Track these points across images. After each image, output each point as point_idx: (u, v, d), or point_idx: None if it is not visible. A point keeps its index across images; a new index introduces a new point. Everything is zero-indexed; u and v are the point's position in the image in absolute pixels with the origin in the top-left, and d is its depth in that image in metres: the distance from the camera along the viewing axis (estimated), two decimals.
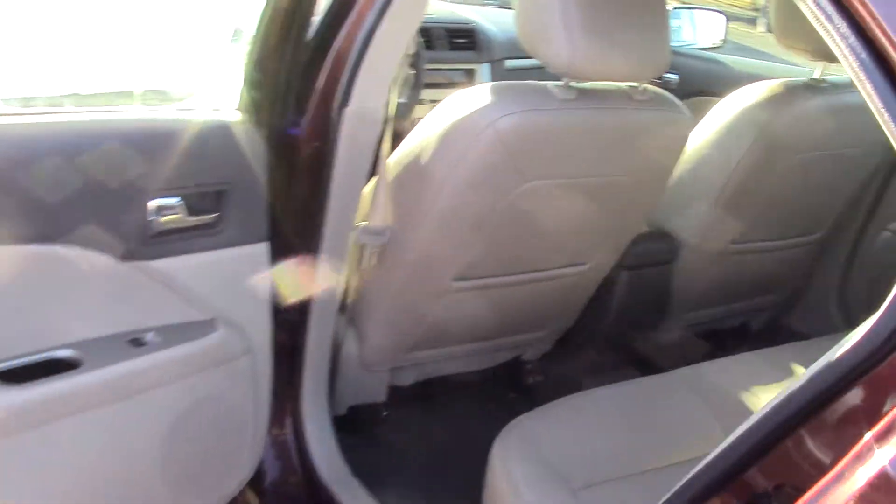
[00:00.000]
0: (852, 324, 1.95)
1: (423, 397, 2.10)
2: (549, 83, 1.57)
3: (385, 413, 2.00)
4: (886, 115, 0.84)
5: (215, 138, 1.46)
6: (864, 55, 0.85)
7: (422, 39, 2.38)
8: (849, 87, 1.95)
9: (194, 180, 1.44)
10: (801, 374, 0.95)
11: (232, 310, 1.51)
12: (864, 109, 0.88)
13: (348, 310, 1.84)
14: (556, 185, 1.63)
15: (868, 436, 0.84)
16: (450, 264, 1.72)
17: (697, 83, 2.85)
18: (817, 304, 2.51)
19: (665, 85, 2.60)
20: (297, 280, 1.62)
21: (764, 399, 1.39)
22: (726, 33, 2.99)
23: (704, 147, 2.03)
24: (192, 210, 1.43)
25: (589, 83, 1.61)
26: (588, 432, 1.55)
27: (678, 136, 1.73)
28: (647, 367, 2.18)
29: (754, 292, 2.40)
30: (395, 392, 2.02)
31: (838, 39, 0.87)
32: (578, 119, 1.57)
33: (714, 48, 3.00)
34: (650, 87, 1.68)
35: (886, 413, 0.84)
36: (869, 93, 0.85)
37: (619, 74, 1.57)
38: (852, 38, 0.86)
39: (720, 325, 2.46)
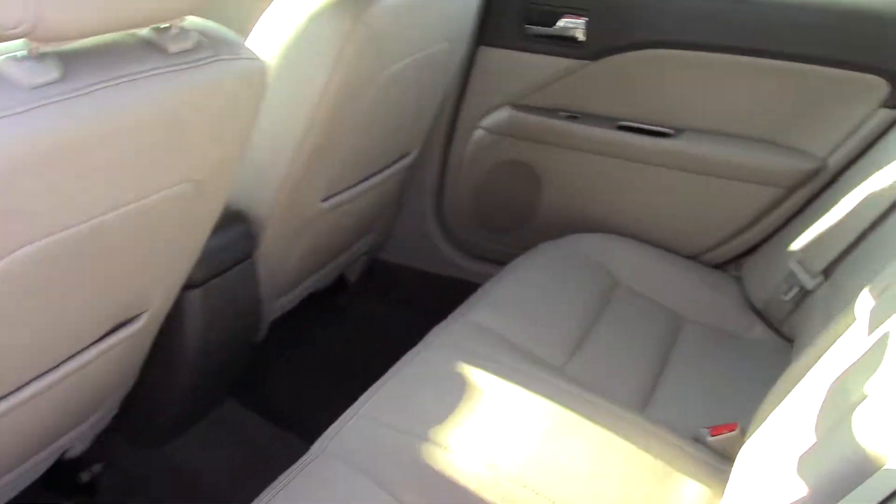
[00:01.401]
0: (451, 237, 1.90)
1: None
2: None
3: None
4: None
5: None
6: None
7: None
8: None
9: None
10: None
11: None
12: None
13: None
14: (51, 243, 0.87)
15: None
16: None
17: None
18: (413, 227, 2.06)
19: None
20: None
21: None
22: None
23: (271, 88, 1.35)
24: None
25: (78, 42, 0.84)
26: None
27: (252, 93, 1.04)
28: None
29: (351, 241, 1.85)
30: None
31: None
32: (76, 122, 0.81)
33: None
34: (191, 21, 0.96)
35: None
36: None
37: (131, 13, 0.83)
38: None
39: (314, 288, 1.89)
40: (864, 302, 1.20)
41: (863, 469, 0.81)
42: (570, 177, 1.89)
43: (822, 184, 1.70)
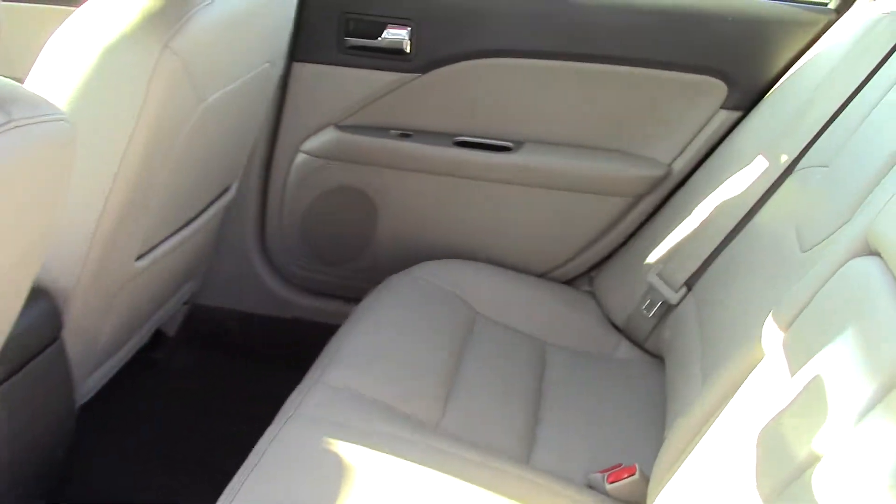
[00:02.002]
0: (279, 271, 1.82)
1: None
2: None
3: None
4: None
5: None
6: None
7: None
8: None
9: None
10: None
11: None
12: None
13: None
14: None
15: None
16: None
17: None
18: (235, 266, 1.84)
19: None
20: None
21: None
22: None
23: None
24: None
25: None
26: None
27: (61, 161, 0.82)
28: None
29: (170, 294, 1.62)
30: None
31: None
32: None
33: None
34: None
35: None
36: None
37: None
38: None
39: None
40: (747, 328, 1.15)
41: None
42: (408, 200, 1.75)
43: (669, 190, 1.66)
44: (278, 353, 1.84)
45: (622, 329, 1.60)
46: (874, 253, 0.90)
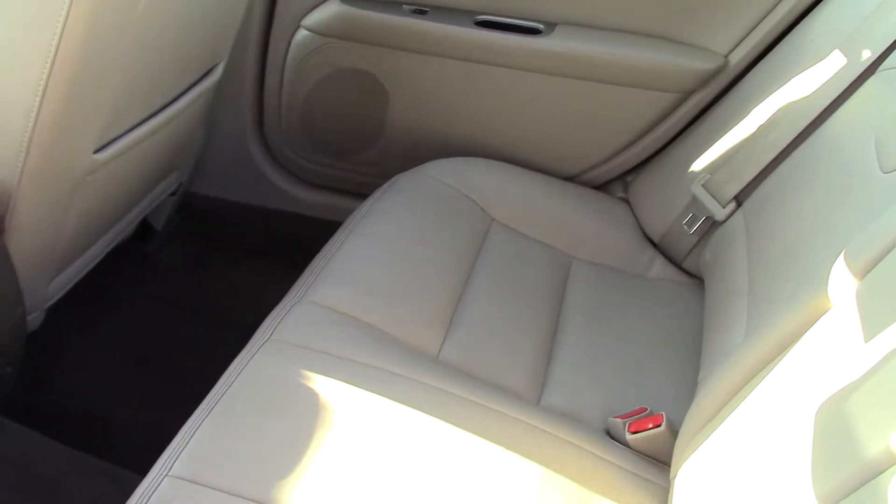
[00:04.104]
0: (279, 161, 1.66)
1: None
2: None
3: None
4: None
5: None
6: None
7: None
8: None
9: None
10: None
11: None
12: None
13: None
14: None
15: None
16: None
17: None
18: (229, 152, 1.67)
19: None
20: None
21: None
22: None
23: None
24: None
25: None
26: None
27: None
28: None
29: (149, 187, 1.45)
30: None
31: None
32: None
33: None
34: None
35: None
36: None
37: None
38: None
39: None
40: (810, 266, 0.95)
41: None
42: (422, 87, 1.54)
43: (723, 86, 1.43)
44: (275, 250, 1.69)
45: (658, 244, 1.41)
46: None
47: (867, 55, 1.15)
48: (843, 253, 0.84)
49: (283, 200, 1.69)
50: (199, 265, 1.73)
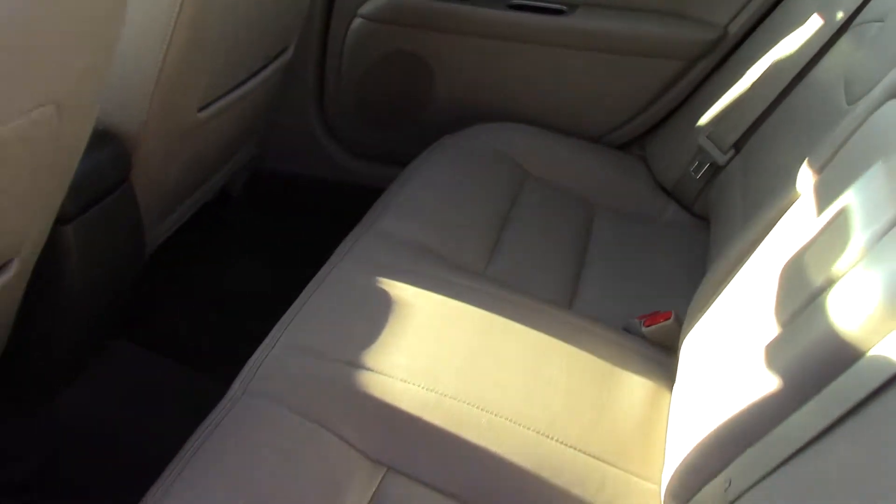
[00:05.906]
0: (336, 136, 1.86)
1: None
2: None
3: None
4: None
5: None
6: None
7: None
8: None
9: None
10: None
11: None
12: None
13: None
14: None
15: None
16: None
17: None
18: (295, 129, 1.90)
19: None
20: None
21: None
22: None
23: None
24: None
25: None
26: None
27: None
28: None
29: (232, 152, 1.69)
30: None
31: None
32: None
33: None
34: None
35: None
36: None
37: None
38: None
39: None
40: (787, 177, 1.16)
41: (843, 355, 0.76)
42: (463, 64, 1.77)
43: (724, 53, 1.65)
44: (335, 215, 1.91)
45: (671, 192, 1.62)
46: None
47: (841, 15, 1.36)
48: (807, 158, 1.05)
49: (340, 171, 1.92)
50: (272, 229, 1.96)
